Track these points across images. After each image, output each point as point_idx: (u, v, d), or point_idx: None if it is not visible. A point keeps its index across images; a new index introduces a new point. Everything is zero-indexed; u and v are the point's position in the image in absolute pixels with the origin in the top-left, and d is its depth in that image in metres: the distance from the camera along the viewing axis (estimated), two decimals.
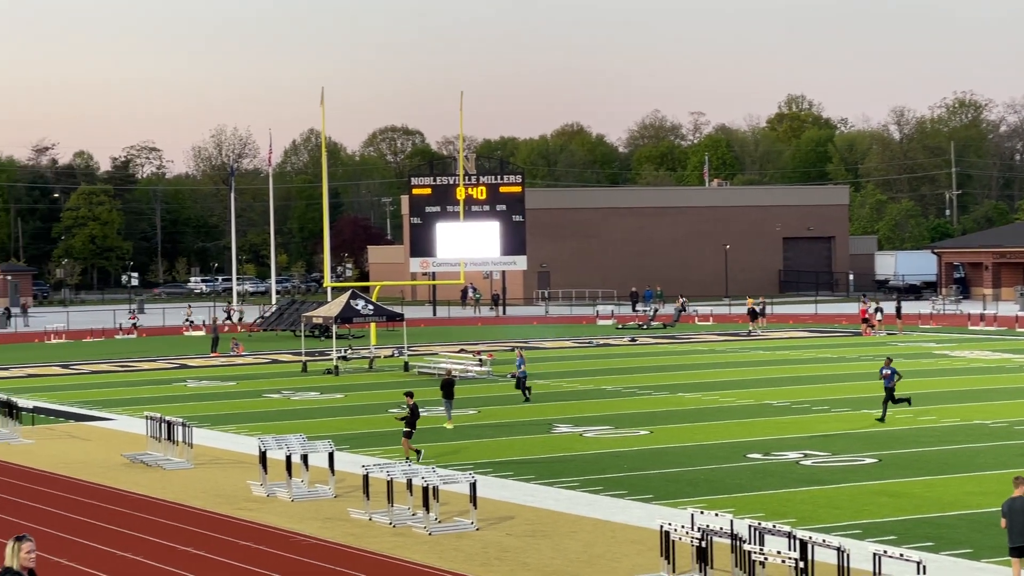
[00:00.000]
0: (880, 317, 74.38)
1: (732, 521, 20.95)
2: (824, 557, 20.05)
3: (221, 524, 26.32)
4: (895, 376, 38.73)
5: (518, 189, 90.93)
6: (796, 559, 19.15)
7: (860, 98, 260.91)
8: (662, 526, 21.21)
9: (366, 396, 48.19)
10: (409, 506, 26.34)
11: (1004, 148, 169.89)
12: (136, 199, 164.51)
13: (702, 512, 21.90)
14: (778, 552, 19.54)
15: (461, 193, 77.60)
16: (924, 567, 18.04)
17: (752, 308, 76.29)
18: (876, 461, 31.96)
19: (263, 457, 29.60)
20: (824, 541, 19.52)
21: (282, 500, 28.53)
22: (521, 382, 45.72)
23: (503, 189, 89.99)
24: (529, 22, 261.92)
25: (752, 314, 75.42)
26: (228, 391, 51.18)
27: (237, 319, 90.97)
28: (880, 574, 18.69)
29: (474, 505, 25.56)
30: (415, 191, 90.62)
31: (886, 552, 18.94)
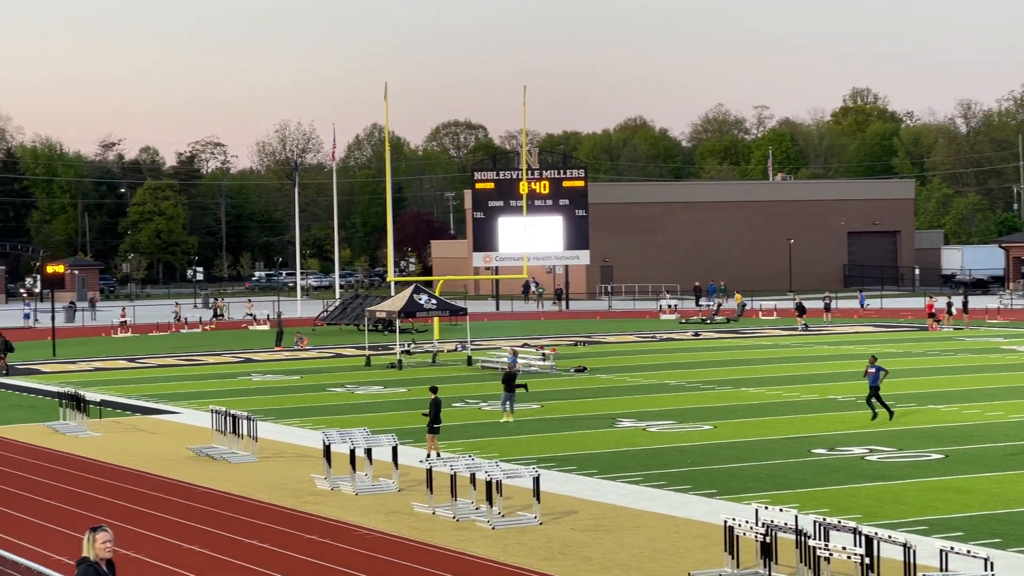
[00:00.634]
0: (952, 312, 73.84)
1: (797, 516, 20.83)
2: (890, 553, 19.91)
3: (285, 517, 26.47)
4: (880, 374, 37.82)
5: (581, 183, 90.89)
6: (862, 555, 19.00)
7: (926, 91, 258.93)
8: (726, 521, 21.11)
9: (429, 391, 48.23)
10: (472, 500, 26.37)
11: None
12: (201, 194, 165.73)
13: (766, 507, 21.77)
14: (843, 548, 19.41)
15: (524, 188, 77.63)
16: (992, 563, 17.87)
17: (800, 303, 75.95)
18: (942, 457, 31.68)
19: (327, 451, 29.74)
20: (890, 537, 19.38)
21: (346, 494, 28.64)
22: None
23: (566, 184, 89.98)
24: (592, 16, 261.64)
25: (800, 309, 75.01)
26: (292, 385, 51.45)
27: (211, 316, 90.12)
28: (947, 570, 18.52)
29: (537, 499, 25.55)
30: (478, 186, 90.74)
31: (953, 548, 18.76)
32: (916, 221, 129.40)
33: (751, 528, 20.79)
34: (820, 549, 19.73)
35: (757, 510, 21.54)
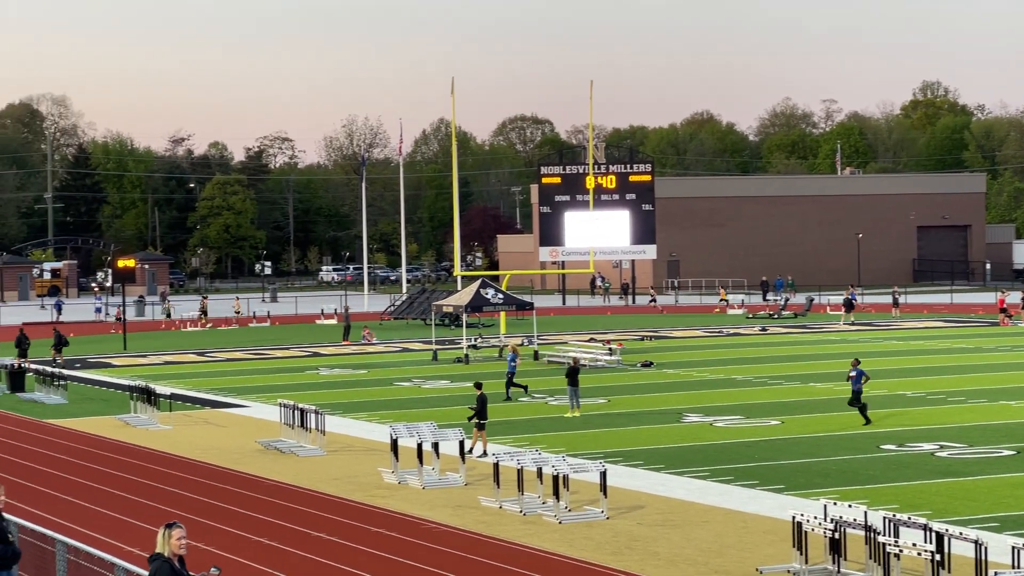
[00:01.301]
0: None
1: (866, 512, 20.69)
2: (961, 550, 19.72)
3: (353, 511, 26.60)
4: (862, 378, 37.07)
5: (648, 178, 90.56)
6: (932, 552, 18.85)
7: (998, 84, 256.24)
8: (794, 517, 21.00)
9: (496, 385, 48.24)
10: (539, 494, 26.39)
11: None
12: (269, 189, 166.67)
13: (835, 503, 21.63)
14: (913, 544, 19.26)
15: (591, 182, 77.51)
16: None
17: (848, 299, 75.31)
18: (1014, 453, 31.36)
19: (394, 445, 29.85)
20: (961, 534, 19.21)
21: (413, 487, 28.74)
22: (510, 379, 44.63)
23: (632, 178, 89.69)
24: (659, 10, 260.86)
25: (848, 305, 74.36)
26: (359, 379, 51.68)
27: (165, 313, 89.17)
28: (1020, 568, 18.32)
29: (604, 494, 25.54)
30: (544, 180, 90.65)
31: None
32: (987, 215, 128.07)
33: (820, 524, 20.67)
34: (890, 545, 19.59)
35: (826, 506, 21.42)
